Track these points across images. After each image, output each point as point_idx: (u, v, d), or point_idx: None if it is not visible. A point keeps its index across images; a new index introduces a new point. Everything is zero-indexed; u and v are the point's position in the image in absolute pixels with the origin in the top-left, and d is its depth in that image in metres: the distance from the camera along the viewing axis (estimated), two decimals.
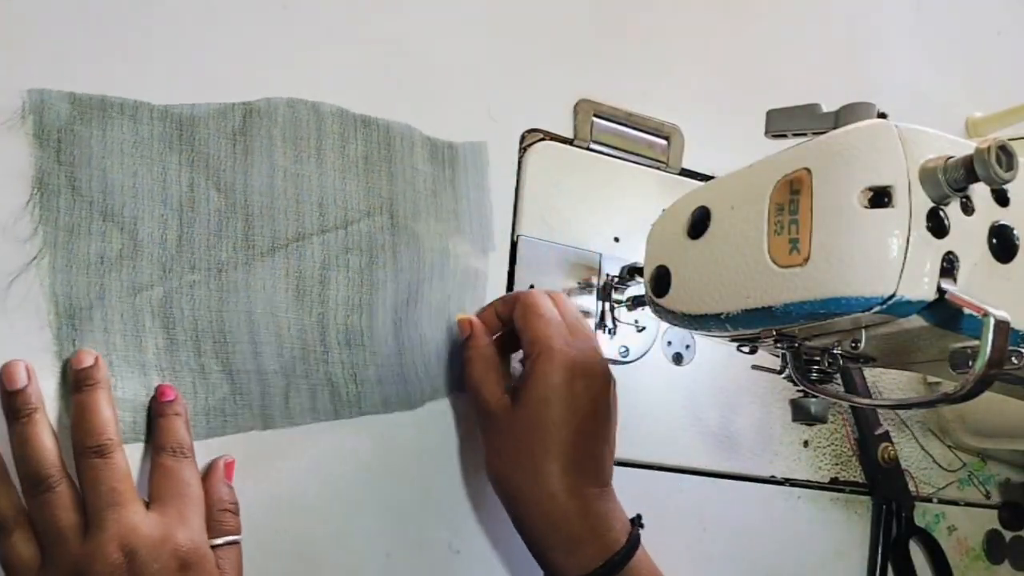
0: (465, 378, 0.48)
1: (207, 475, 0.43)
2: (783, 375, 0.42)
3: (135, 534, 0.37)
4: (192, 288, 0.44)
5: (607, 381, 0.46)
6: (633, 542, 0.44)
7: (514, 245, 0.54)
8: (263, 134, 0.47)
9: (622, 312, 0.56)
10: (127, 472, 0.39)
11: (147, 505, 0.39)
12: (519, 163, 0.55)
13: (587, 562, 0.43)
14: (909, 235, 0.33)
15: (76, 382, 0.40)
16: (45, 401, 0.40)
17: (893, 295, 0.33)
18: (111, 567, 0.36)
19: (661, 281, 0.44)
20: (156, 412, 0.42)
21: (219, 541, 0.41)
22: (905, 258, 0.33)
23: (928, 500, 0.66)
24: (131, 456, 0.41)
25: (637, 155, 0.59)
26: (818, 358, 0.41)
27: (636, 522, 0.46)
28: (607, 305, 0.56)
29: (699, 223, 0.42)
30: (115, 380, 0.42)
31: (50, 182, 0.41)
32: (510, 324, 0.48)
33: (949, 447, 0.68)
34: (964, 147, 0.34)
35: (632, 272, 0.54)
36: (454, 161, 0.52)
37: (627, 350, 0.56)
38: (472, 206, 0.53)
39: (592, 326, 0.55)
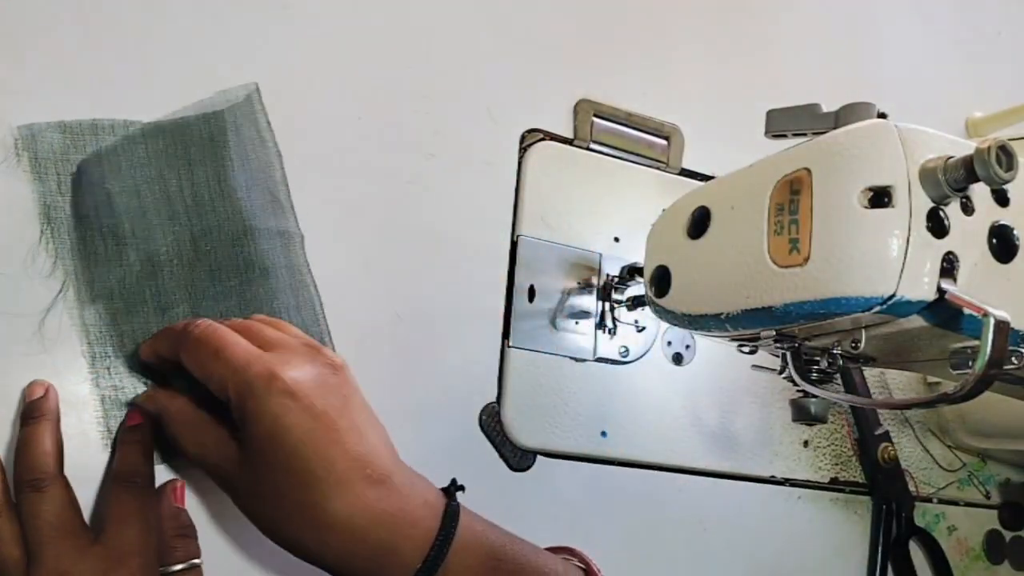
0: (182, 452, 0.39)
1: (157, 501, 0.40)
2: (783, 375, 0.42)
3: (74, 570, 0.36)
4: (218, 300, 0.44)
5: (331, 370, 0.39)
6: (448, 523, 0.38)
7: (514, 245, 0.54)
8: (251, 127, 0.47)
9: (622, 312, 0.56)
10: (66, 505, 0.38)
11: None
12: (519, 163, 0.55)
13: (404, 570, 0.37)
14: (909, 235, 0.33)
15: (23, 415, 0.39)
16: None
17: (893, 295, 0.33)
18: None
19: (661, 281, 0.44)
20: (119, 439, 0.41)
21: (176, 568, 0.39)
22: (905, 258, 0.33)
23: (928, 500, 0.66)
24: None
25: (637, 155, 0.59)
26: (818, 358, 0.41)
27: (451, 491, 0.41)
28: (607, 305, 0.56)
29: (699, 223, 0.43)
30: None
31: (57, 215, 0.42)
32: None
33: (949, 447, 0.68)
34: (964, 147, 0.34)
35: (632, 272, 0.54)
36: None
37: (627, 350, 0.56)
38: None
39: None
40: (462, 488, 0.41)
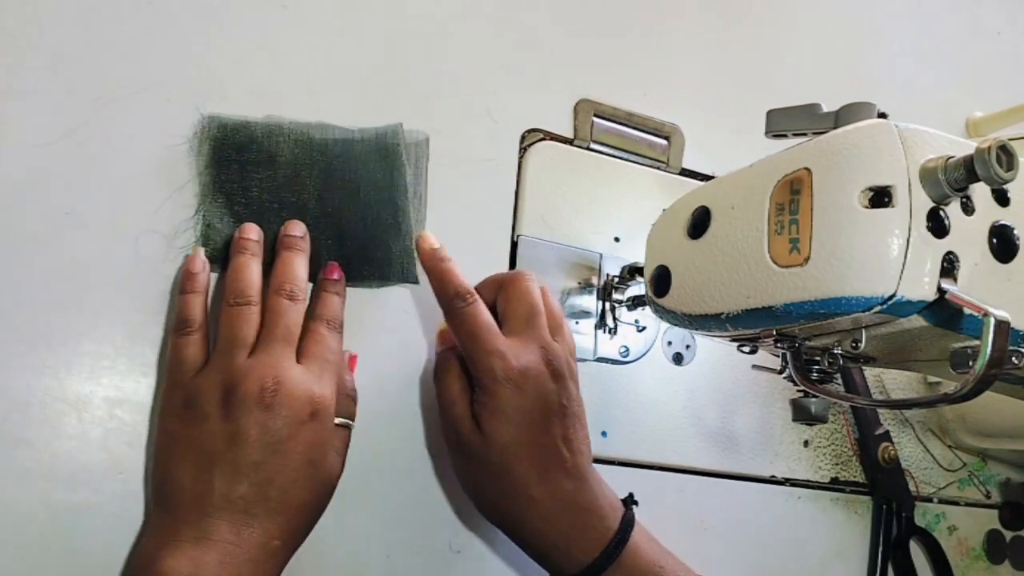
0: (437, 389, 0.47)
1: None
2: (783, 375, 0.42)
3: (289, 371, 0.40)
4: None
5: (558, 375, 0.45)
6: (626, 526, 0.45)
7: (514, 245, 0.54)
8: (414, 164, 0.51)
9: (622, 312, 0.56)
10: (301, 322, 0.43)
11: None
12: (519, 163, 0.55)
13: (583, 556, 0.44)
14: (909, 235, 0.33)
15: (281, 244, 0.45)
16: None
17: (893, 295, 0.33)
18: (258, 389, 0.39)
19: (661, 281, 0.44)
20: (321, 288, 0.46)
21: (338, 421, 0.43)
22: (905, 258, 0.33)
23: (928, 500, 0.66)
24: None
25: (637, 155, 0.59)
26: (818, 358, 0.41)
27: (628, 502, 0.47)
28: (607, 305, 0.56)
29: (699, 223, 0.43)
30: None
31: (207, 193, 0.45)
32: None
33: (949, 447, 0.68)
34: (964, 147, 0.34)
35: (632, 272, 0.54)
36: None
37: (627, 350, 0.56)
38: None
39: (593, 325, 0.55)
40: (636, 503, 0.47)
